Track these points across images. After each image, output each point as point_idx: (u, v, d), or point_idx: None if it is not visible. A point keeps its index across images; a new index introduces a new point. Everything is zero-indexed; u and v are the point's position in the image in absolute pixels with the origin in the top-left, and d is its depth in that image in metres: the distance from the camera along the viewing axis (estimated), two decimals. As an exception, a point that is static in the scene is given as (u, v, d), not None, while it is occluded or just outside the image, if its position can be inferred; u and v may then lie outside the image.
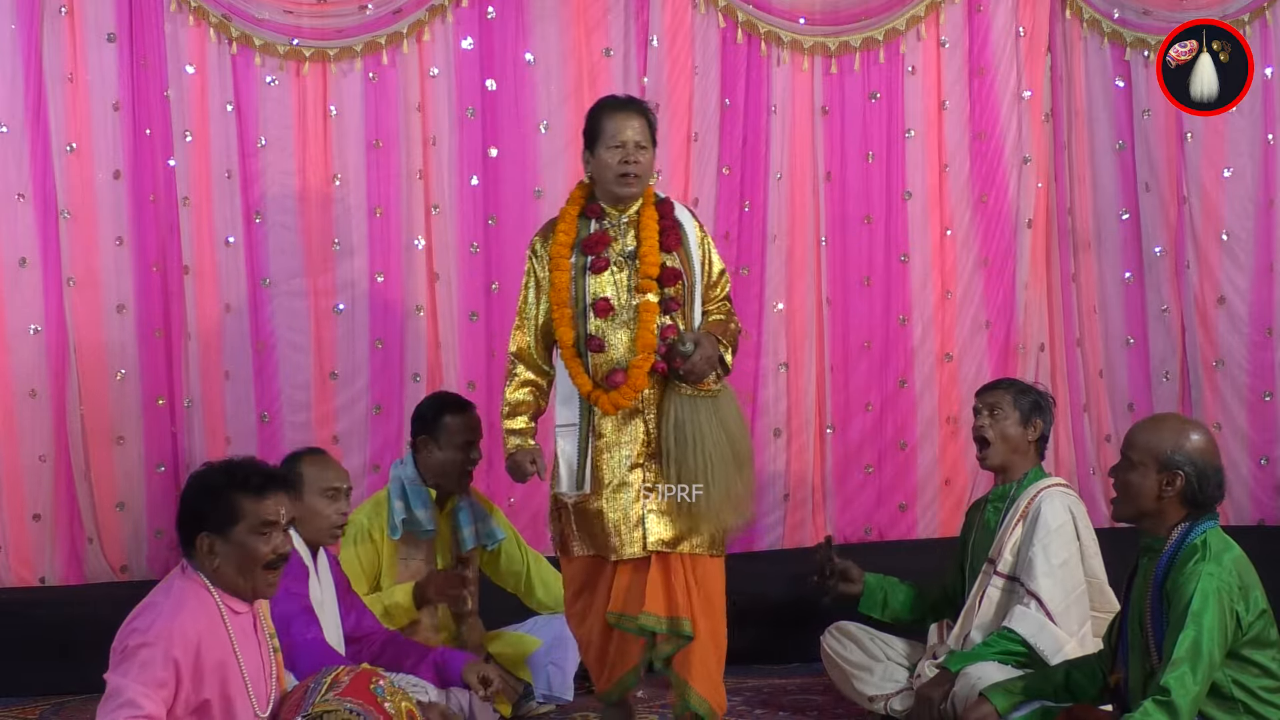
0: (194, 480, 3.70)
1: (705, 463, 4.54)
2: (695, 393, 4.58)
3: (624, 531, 4.58)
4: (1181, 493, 3.84)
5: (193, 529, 3.61)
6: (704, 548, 4.62)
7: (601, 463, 4.61)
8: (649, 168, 4.69)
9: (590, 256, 4.64)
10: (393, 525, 5.11)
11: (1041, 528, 4.72)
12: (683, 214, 4.76)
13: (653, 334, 4.57)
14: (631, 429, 4.61)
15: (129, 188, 5.98)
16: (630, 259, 4.64)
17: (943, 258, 6.49)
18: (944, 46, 6.43)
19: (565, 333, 4.62)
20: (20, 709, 5.40)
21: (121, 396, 6.01)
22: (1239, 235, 6.48)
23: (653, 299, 4.59)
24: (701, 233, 4.78)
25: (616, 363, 4.59)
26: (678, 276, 4.63)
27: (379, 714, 3.67)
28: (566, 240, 4.68)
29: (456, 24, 6.14)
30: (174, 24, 5.94)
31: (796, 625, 5.64)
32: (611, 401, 4.56)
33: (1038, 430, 4.90)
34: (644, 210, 4.68)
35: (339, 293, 6.15)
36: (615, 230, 4.68)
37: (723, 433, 4.59)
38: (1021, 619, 4.63)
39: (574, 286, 4.64)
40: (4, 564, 5.93)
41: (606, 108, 4.74)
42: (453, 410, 5.24)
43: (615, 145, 4.63)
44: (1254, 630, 3.77)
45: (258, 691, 3.63)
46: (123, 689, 3.42)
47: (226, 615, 3.59)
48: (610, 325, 4.61)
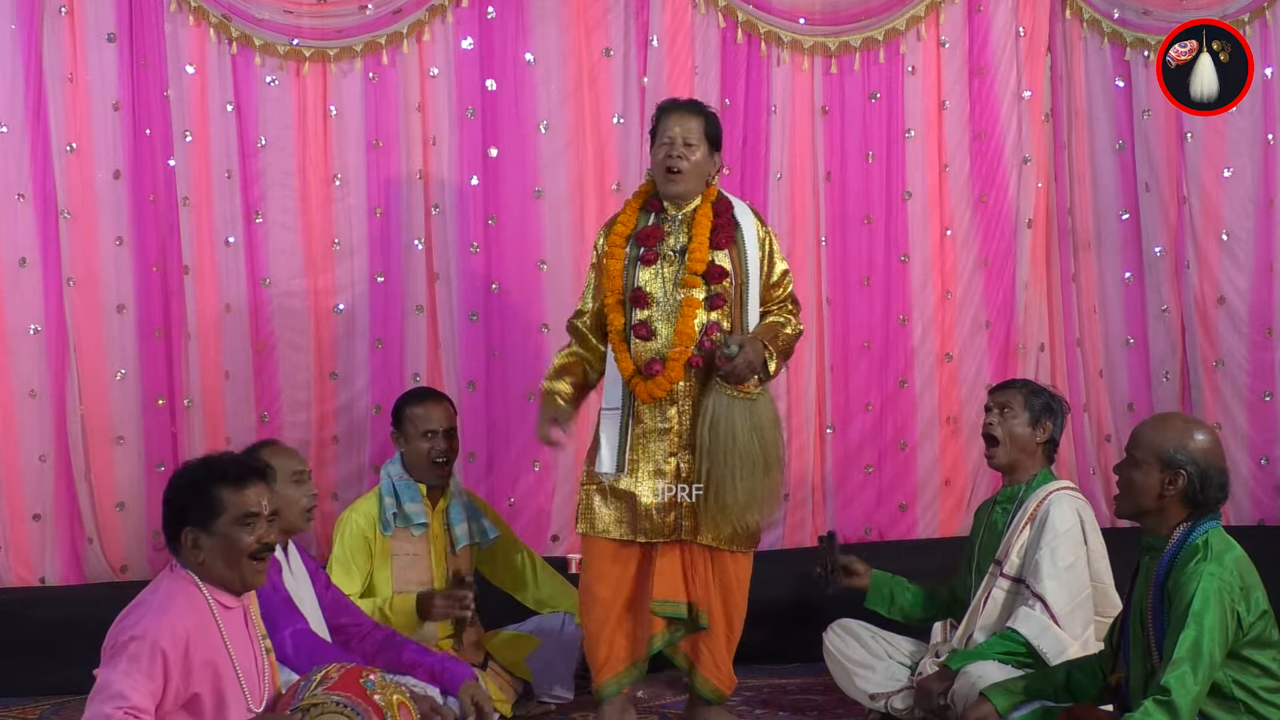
0: (175, 477, 3.72)
1: (735, 462, 4.72)
2: (734, 393, 4.75)
3: (655, 516, 4.78)
4: (1183, 492, 3.84)
5: (176, 524, 3.62)
6: (728, 543, 4.83)
7: (639, 447, 4.81)
8: (700, 166, 4.84)
9: (642, 248, 4.83)
10: (384, 521, 5.12)
11: (1049, 530, 4.71)
12: (742, 212, 4.93)
13: (693, 328, 4.76)
14: (669, 419, 4.80)
15: (129, 188, 5.98)
16: (680, 254, 4.81)
17: (943, 258, 6.49)
18: (944, 46, 6.43)
19: (615, 319, 4.84)
20: (20, 709, 5.39)
21: (121, 396, 6.01)
22: (1239, 235, 6.48)
23: (697, 294, 4.77)
24: (764, 233, 4.94)
25: (658, 353, 4.77)
26: (724, 274, 4.80)
27: (367, 705, 3.68)
28: (624, 231, 4.90)
29: (456, 24, 6.14)
30: (174, 24, 5.95)
31: (796, 625, 5.64)
32: (647, 390, 4.76)
33: (1047, 432, 4.89)
34: (701, 208, 4.87)
35: (339, 293, 6.15)
36: (671, 225, 4.88)
37: (754, 436, 4.76)
38: (1025, 620, 4.62)
39: (625, 276, 4.83)
40: (4, 564, 5.94)
41: (661, 107, 4.98)
42: (414, 401, 5.28)
43: (663, 142, 4.83)
44: (1255, 630, 3.77)
45: (251, 687, 3.63)
46: (111, 682, 3.43)
47: (217, 611, 3.59)
48: (657, 316, 4.79)
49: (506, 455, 6.24)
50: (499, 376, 6.25)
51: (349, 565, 5.07)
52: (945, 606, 5.08)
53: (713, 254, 4.80)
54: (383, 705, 3.71)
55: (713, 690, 4.91)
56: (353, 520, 5.13)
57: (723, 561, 4.87)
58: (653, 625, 4.83)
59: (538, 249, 6.22)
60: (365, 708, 3.66)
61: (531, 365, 6.17)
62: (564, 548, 6.17)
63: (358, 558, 5.09)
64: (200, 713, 3.53)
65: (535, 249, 6.22)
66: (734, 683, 5.00)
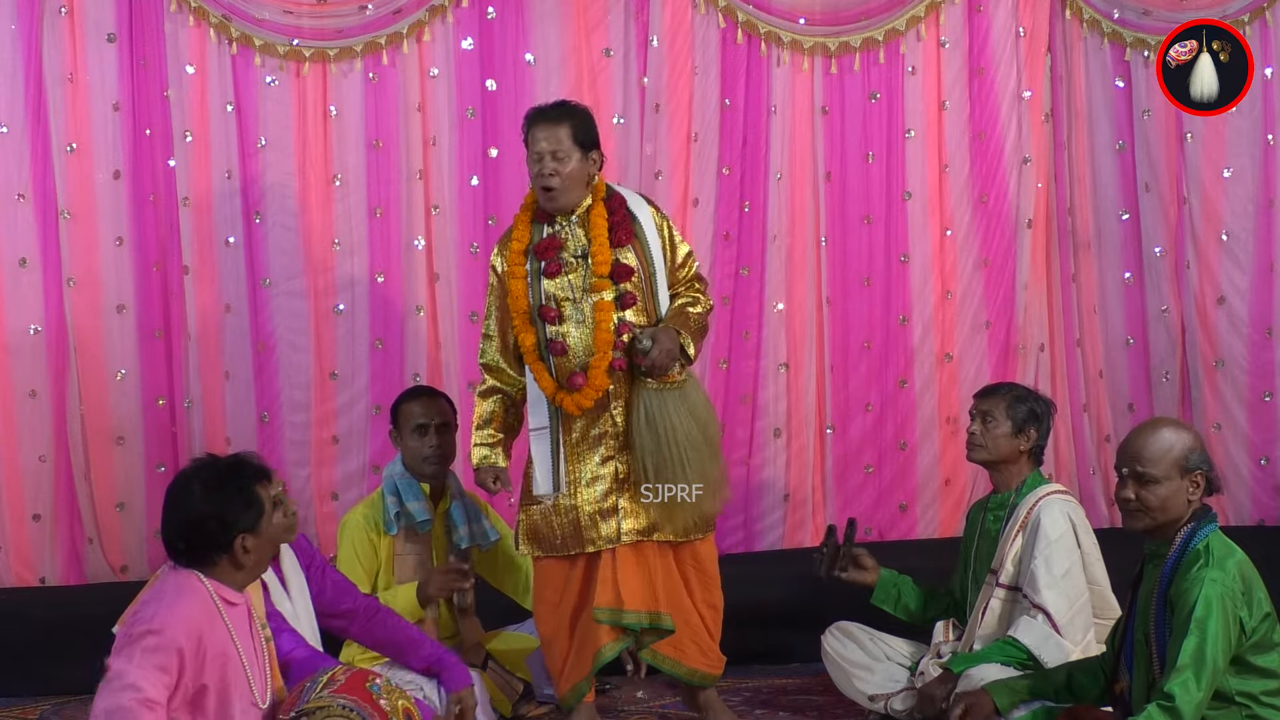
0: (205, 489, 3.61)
1: (680, 454, 4.68)
2: (661, 385, 4.71)
3: (598, 523, 4.74)
4: (1203, 490, 3.85)
5: (224, 536, 3.58)
6: (684, 535, 4.79)
7: (574, 460, 4.76)
8: (576, 173, 4.72)
9: (543, 261, 4.74)
10: (388, 521, 5.11)
11: (1041, 539, 4.69)
12: (636, 204, 4.83)
13: (609, 333, 4.69)
14: (601, 425, 4.75)
15: (129, 188, 5.98)
16: (583, 259, 4.73)
17: (943, 258, 6.48)
18: (944, 47, 6.43)
19: (526, 338, 4.75)
20: (20, 709, 5.39)
21: (121, 396, 6.01)
22: (1239, 235, 6.48)
23: (607, 297, 4.70)
24: (660, 218, 4.85)
25: (578, 364, 4.70)
26: (630, 271, 4.73)
27: (373, 710, 3.68)
28: (519, 248, 4.79)
29: (456, 24, 6.14)
30: (174, 24, 5.95)
31: (796, 625, 5.64)
32: (575, 403, 4.70)
33: (1031, 440, 4.85)
34: (593, 208, 4.78)
35: (339, 293, 6.15)
36: (566, 232, 4.78)
37: (693, 421, 4.73)
38: (1027, 629, 4.61)
39: (530, 292, 4.74)
40: (4, 564, 5.94)
41: (527, 117, 4.84)
42: (406, 398, 5.29)
43: (533, 158, 4.75)
44: (1258, 635, 3.77)
45: (256, 679, 3.63)
46: (125, 672, 3.42)
47: (222, 607, 3.59)
48: (568, 328, 4.71)
49: (506, 455, 6.24)
50: (499, 377, 6.24)
51: (354, 566, 5.06)
52: (947, 607, 5.08)
53: (615, 252, 4.72)
54: (388, 710, 3.70)
55: (704, 677, 4.89)
56: (356, 522, 5.13)
57: (690, 549, 4.83)
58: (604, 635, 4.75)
59: (538, 249, 6.21)
60: (371, 712, 3.66)
61: (531, 365, 6.16)
62: (564, 548, 6.16)
63: (362, 558, 5.09)
64: (204, 706, 3.53)
65: (535, 249, 6.21)
66: (722, 660, 4.94)
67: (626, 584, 4.72)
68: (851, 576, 5.04)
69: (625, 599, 4.71)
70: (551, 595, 4.84)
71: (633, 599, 4.72)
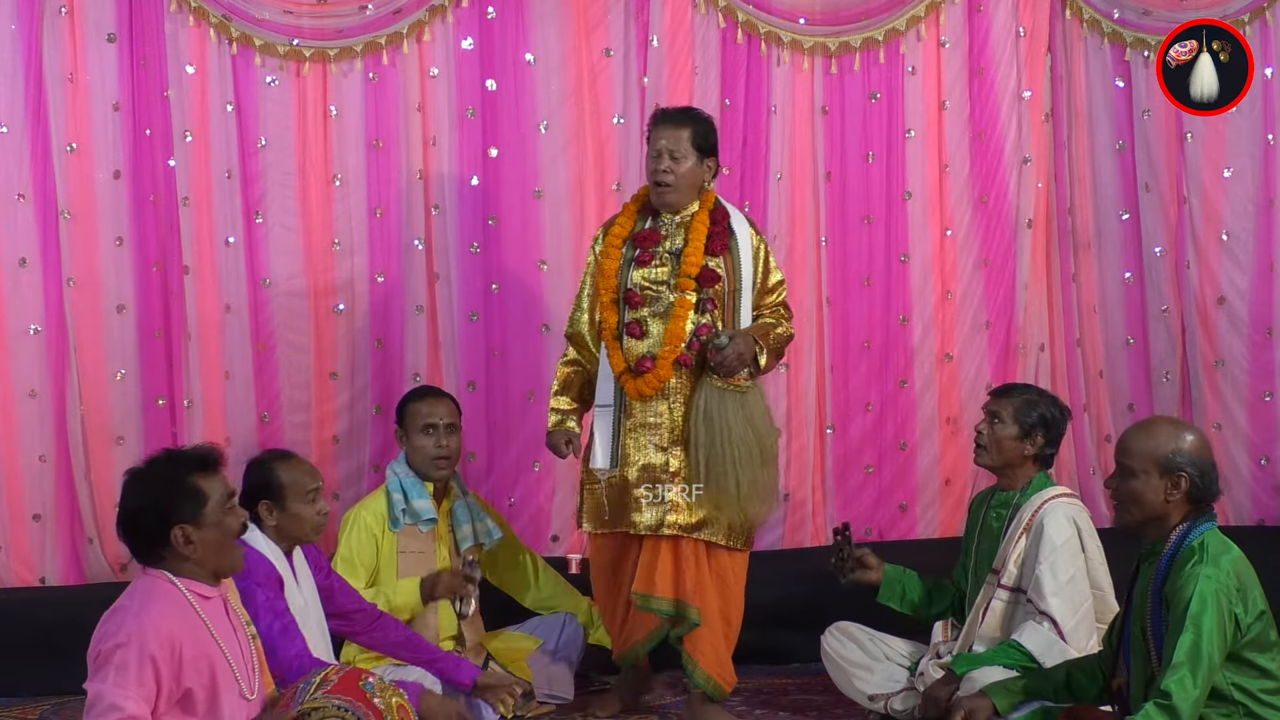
0: (137, 484, 3.64)
1: (731, 453, 4.84)
2: (725, 386, 4.86)
3: (644, 508, 4.90)
4: (1186, 494, 3.84)
5: (161, 527, 3.56)
6: (723, 538, 4.94)
7: (631, 442, 4.93)
8: (689, 176, 4.95)
9: (639, 250, 4.95)
10: (393, 517, 5.13)
11: (1046, 544, 4.67)
12: (738, 221, 5.04)
13: (683, 329, 4.88)
14: (659, 414, 4.92)
15: (129, 188, 5.98)
16: (675, 257, 4.93)
17: (943, 258, 6.49)
18: (944, 46, 6.43)
19: (608, 317, 4.99)
20: (20, 709, 5.39)
21: (121, 396, 6.01)
22: (1239, 235, 6.48)
23: (689, 297, 4.88)
24: (758, 241, 5.05)
25: (649, 351, 4.89)
26: (716, 279, 4.92)
27: (367, 709, 3.68)
28: (621, 233, 5.04)
29: (456, 24, 6.14)
30: (174, 24, 5.94)
31: (796, 625, 5.64)
32: (636, 388, 4.89)
33: (1037, 445, 4.83)
34: (698, 214, 4.99)
35: (339, 293, 6.15)
36: (668, 229, 4.99)
37: (749, 427, 4.88)
38: (1032, 635, 4.60)
39: (620, 275, 4.95)
40: (4, 564, 5.94)
41: (654, 116, 5.11)
42: (414, 398, 5.33)
43: (652, 154, 4.96)
44: (1253, 632, 3.77)
45: (242, 674, 3.63)
46: (103, 694, 3.40)
47: (197, 604, 3.57)
48: (647, 316, 4.91)
49: (506, 455, 6.24)
50: (499, 376, 6.25)
51: (354, 563, 5.07)
52: (951, 604, 5.08)
53: (707, 259, 4.92)
54: (382, 708, 3.71)
55: (715, 686, 4.98)
56: (360, 518, 5.15)
57: (719, 559, 4.97)
58: (646, 623, 4.96)
59: (538, 249, 6.22)
60: (365, 711, 3.67)
61: (531, 365, 6.18)
62: (564, 548, 6.18)
63: (364, 555, 5.10)
64: (193, 707, 3.52)
65: (535, 249, 6.22)
66: (734, 680, 5.06)
67: (661, 571, 4.90)
68: (857, 577, 5.06)
69: (658, 585, 4.89)
70: (606, 569, 5.06)
71: (665, 586, 4.90)
